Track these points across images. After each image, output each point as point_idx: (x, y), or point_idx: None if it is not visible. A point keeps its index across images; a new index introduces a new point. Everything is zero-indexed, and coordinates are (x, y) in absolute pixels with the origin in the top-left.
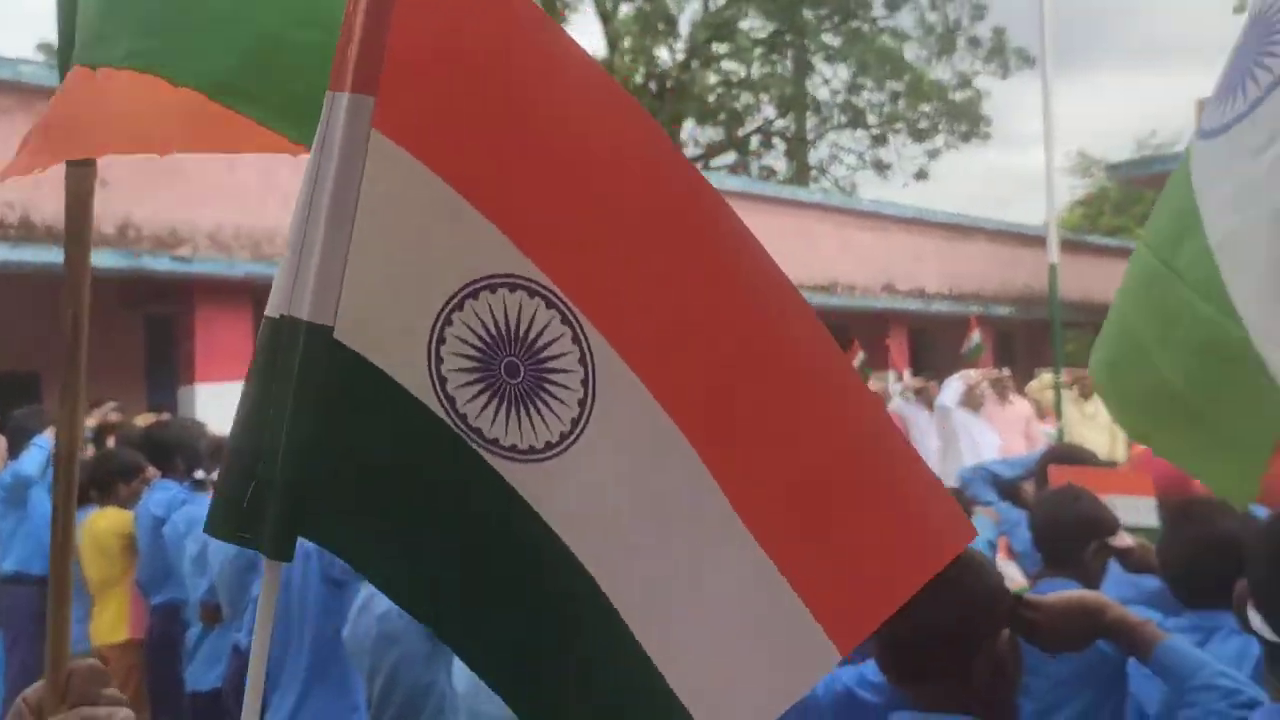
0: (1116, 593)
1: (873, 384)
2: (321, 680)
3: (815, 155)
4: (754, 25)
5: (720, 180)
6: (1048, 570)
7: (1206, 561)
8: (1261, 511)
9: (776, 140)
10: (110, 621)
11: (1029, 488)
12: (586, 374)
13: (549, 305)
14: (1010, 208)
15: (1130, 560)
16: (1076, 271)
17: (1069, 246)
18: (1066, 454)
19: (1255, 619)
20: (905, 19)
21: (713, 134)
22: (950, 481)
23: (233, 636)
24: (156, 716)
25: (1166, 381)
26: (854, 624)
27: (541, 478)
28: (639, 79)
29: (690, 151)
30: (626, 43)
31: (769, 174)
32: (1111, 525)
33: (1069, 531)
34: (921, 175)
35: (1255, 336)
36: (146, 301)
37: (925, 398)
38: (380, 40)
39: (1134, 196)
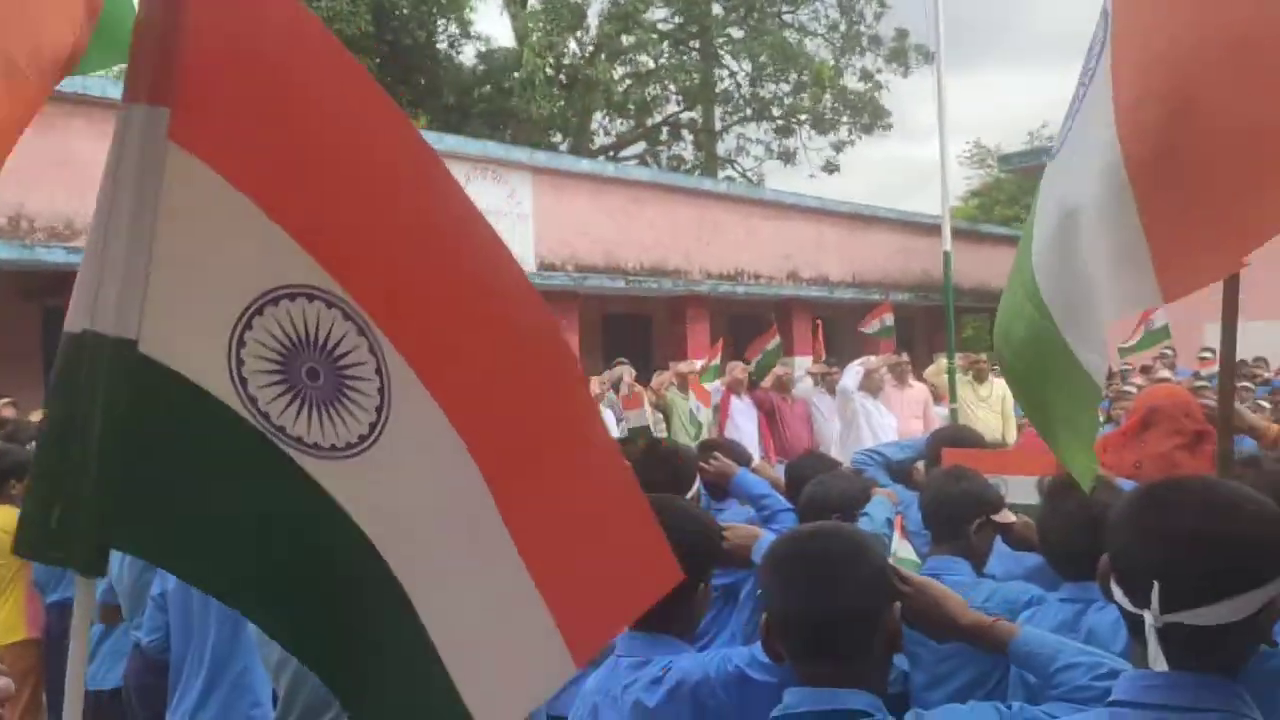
0: (1001, 568)
1: (779, 369)
2: (223, 676)
3: (723, 146)
4: (660, 17)
5: (629, 171)
6: (935, 547)
7: (1082, 536)
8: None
9: (685, 132)
10: (6, 620)
11: (920, 469)
12: (382, 383)
13: (346, 317)
14: (912, 198)
15: (1012, 536)
16: (971, 259)
17: (964, 235)
18: (955, 436)
19: (1117, 592)
20: (809, 15)
21: (622, 125)
22: (849, 463)
23: (133, 635)
24: (56, 715)
25: (1022, 371)
26: (588, 640)
27: (343, 472)
28: (548, 71)
29: (600, 142)
30: (534, 36)
31: (678, 164)
32: (995, 502)
33: (954, 508)
34: (831, 168)
35: (1065, 336)
36: (44, 293)
37: (828, 383)
38: (173, 52)
39: (1026, 187)
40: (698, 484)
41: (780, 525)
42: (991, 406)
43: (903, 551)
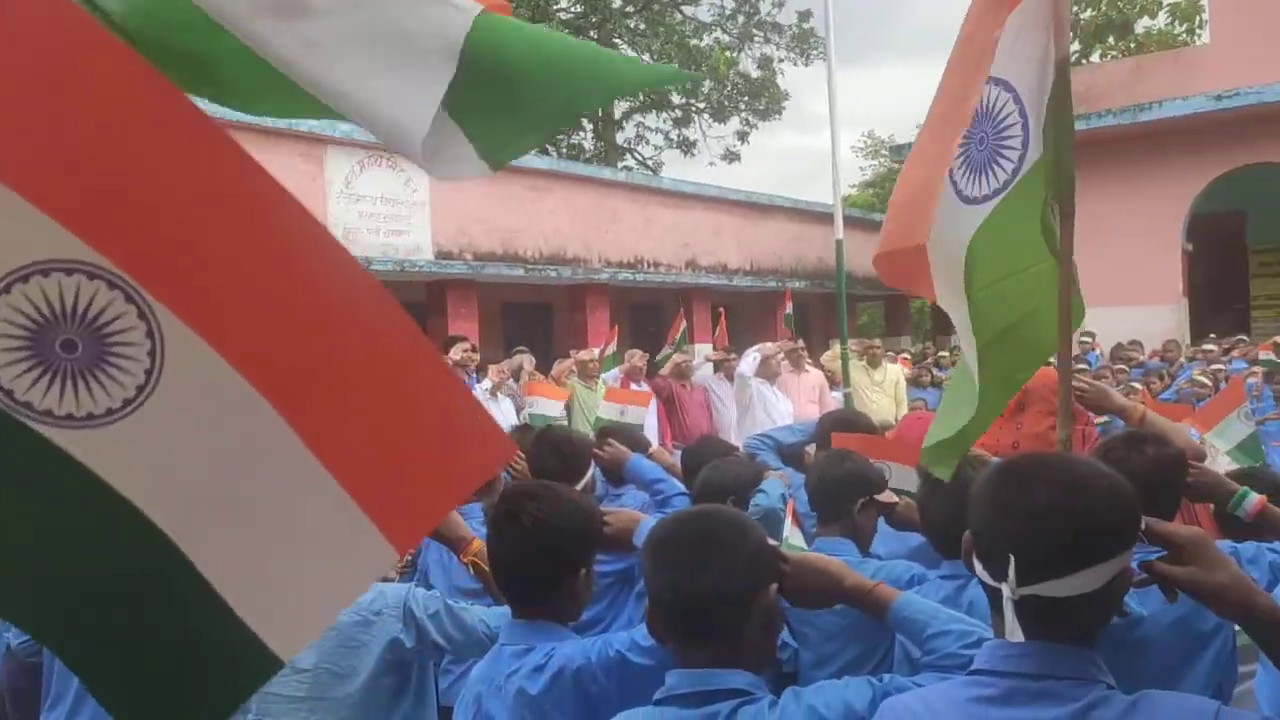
0: (885, 547)
1: (677, 356)
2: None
3: (622, 136)
4: (560, 6)
5: (527, 159)
6: (821, 528)
7: (958, 514)
8: None
9: (584, 121)
10: None
11: (811, 452)
12: (154, 346)
13: (111, 286)
14: (809, 187)
15: (894, 516)
16: (865, 247)
17: (857, 224)
18: (844, 419)
19: (978, 566)
20: (704, 11)
21: None
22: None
23: (5, 638)
24: None
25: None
26: (410, 527)
27: (101, 441)
28: None
29: None
30: None
31: (577, 153)
32: (879, 483)
33: (838, 489)
34: (731, 156)
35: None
36: None
37: (727, 370)
38: None
39: None
40: (593, 470)
41: (674, 509)
42: (885, 390)
43: (794, 539)
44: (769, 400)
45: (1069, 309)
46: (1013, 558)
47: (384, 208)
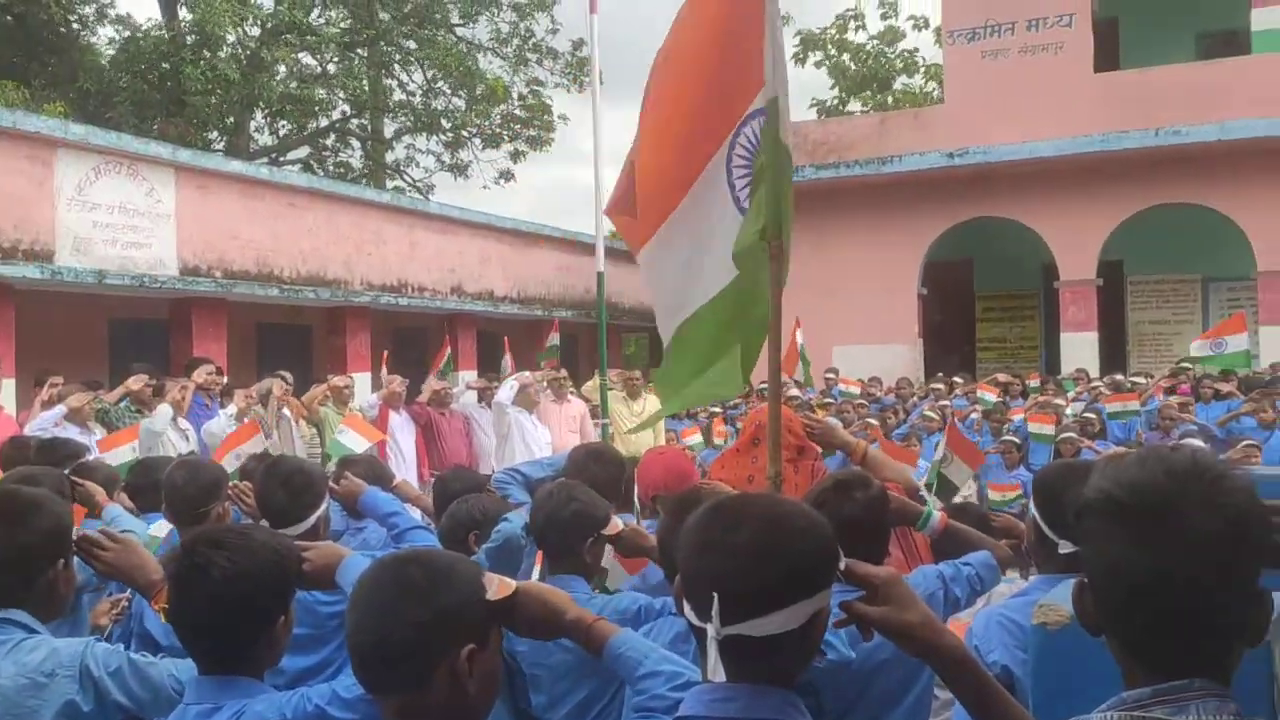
0: (630, 583)
1: (435, 383)
2: None
3: (393, 156)
4: (328, 20)
5: (285, 175)
6: (552, 566)
7: None
8: None
9: (353, 139)
10: None
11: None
12: None
13: None
14: (580, 217)
15: (621, 544)
16: (632, 279)
17: (624, 256)
18: (591, 452)
19: (686, 607)
20: (482, 30)
21: (285, 128)
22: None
23: None
24: None
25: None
26: None
27: None
28: (204, 64)
29: (263, 142)
30: (188, 24)
31: (345, 171)
32: (605, 519)
33: (566, 528)
34: (507, 176)
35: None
36: None
37: (487, 396)
38: None
39: None
40: (326, 504)
41: (409, 543)
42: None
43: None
44: (527, 429)
45: (778, 346)
46: (716, 597)
47: (122, 218)
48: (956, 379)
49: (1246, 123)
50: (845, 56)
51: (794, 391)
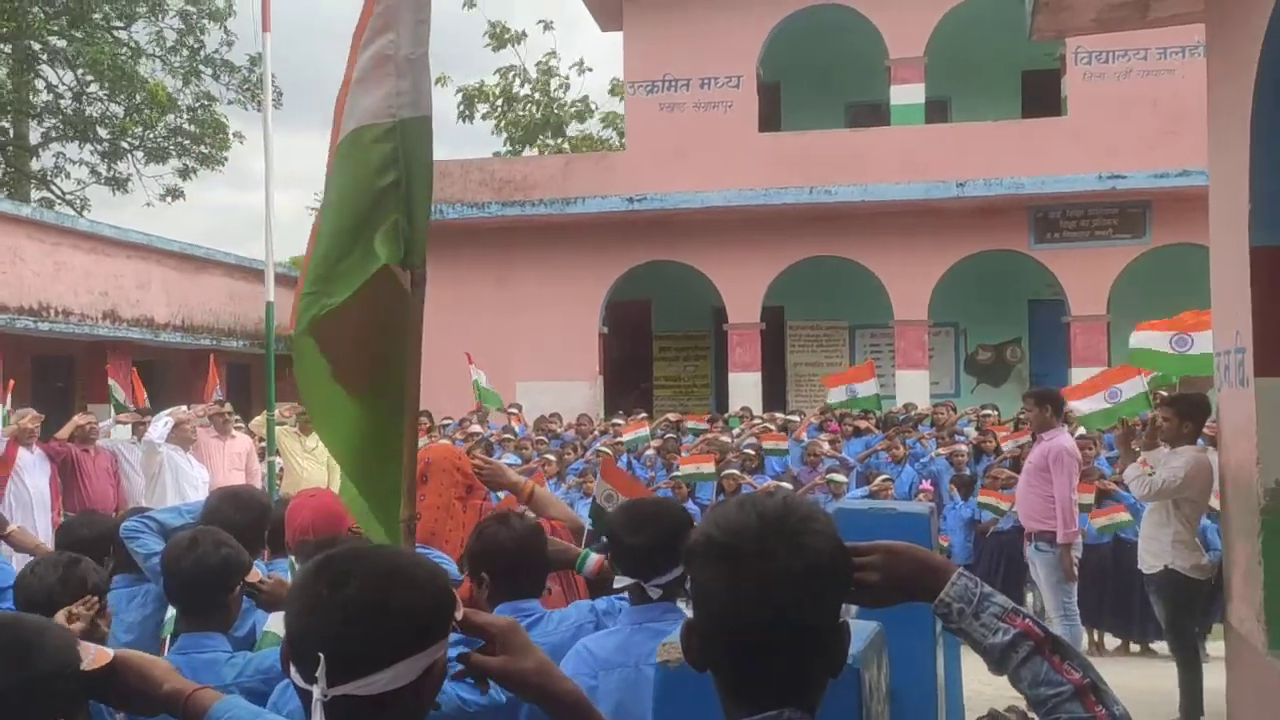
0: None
1: (79, 418)
2: None
3: (39, 164)
4: None
5: None
6: (187, 622)
7: None
8: None
9: None
10: None
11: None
12: None
13: None
14: (252, 242)
15: (262, 597)
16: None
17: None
18: (232, 495)
19: (292, 669)
20: (142, 32)
21: None
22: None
23: None
24: None
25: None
26: None
27: None
28: None
29: None
30: None
31: None
32: (249, 565)
33: (215, 578)
34: (175, 193)
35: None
36: None
37: (140, 433)
38: None
39: None
40: None
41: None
42: (317, 458)
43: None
44: (181, 468)
45: (417, 381)
46: (323, 657)
47: None
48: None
49: (886, 187)
50: (515, 107)
51: (475, 428)
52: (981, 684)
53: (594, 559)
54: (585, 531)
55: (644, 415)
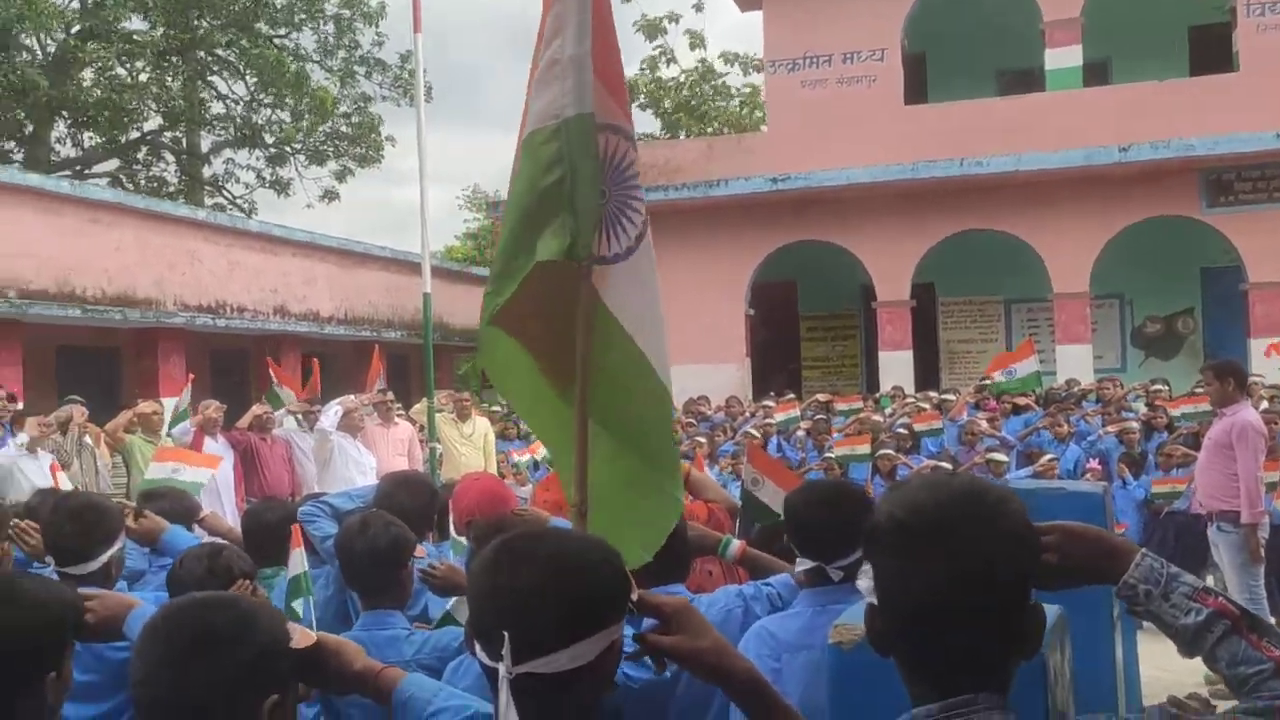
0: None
1: (257, 408)
2: None
3: (210, 170)
4: (139, 28)
5: (89, 190)
6: (368, 601)
7: None
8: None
9: (167, 152)
10: None
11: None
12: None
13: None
14: (409, 235)
15: (434, 581)
16: (465, 299)
17: (454, 276)
18: (402, 481)
19: (477, 647)
20: (307, 38)
21: (92, 140)
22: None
23: None
24: None
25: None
26: None
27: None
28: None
29: (65, 154)
30: None
31: (159, 186)
32: (414, 543)
33: (388, 556)
34: (331, 196)
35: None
36: None
37: (310, 422)
38: None
39: None
40: (120, 542)
41: None
42: (474, 444)
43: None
44: (350, 454)
45: (586, 366)
46: (506, 635)
47: None
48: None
49: (1042, 155)
50: (662, 94)
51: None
52: (1160, 670)
53: (736, 544)
54: (740, 512)
55: (793, 396)
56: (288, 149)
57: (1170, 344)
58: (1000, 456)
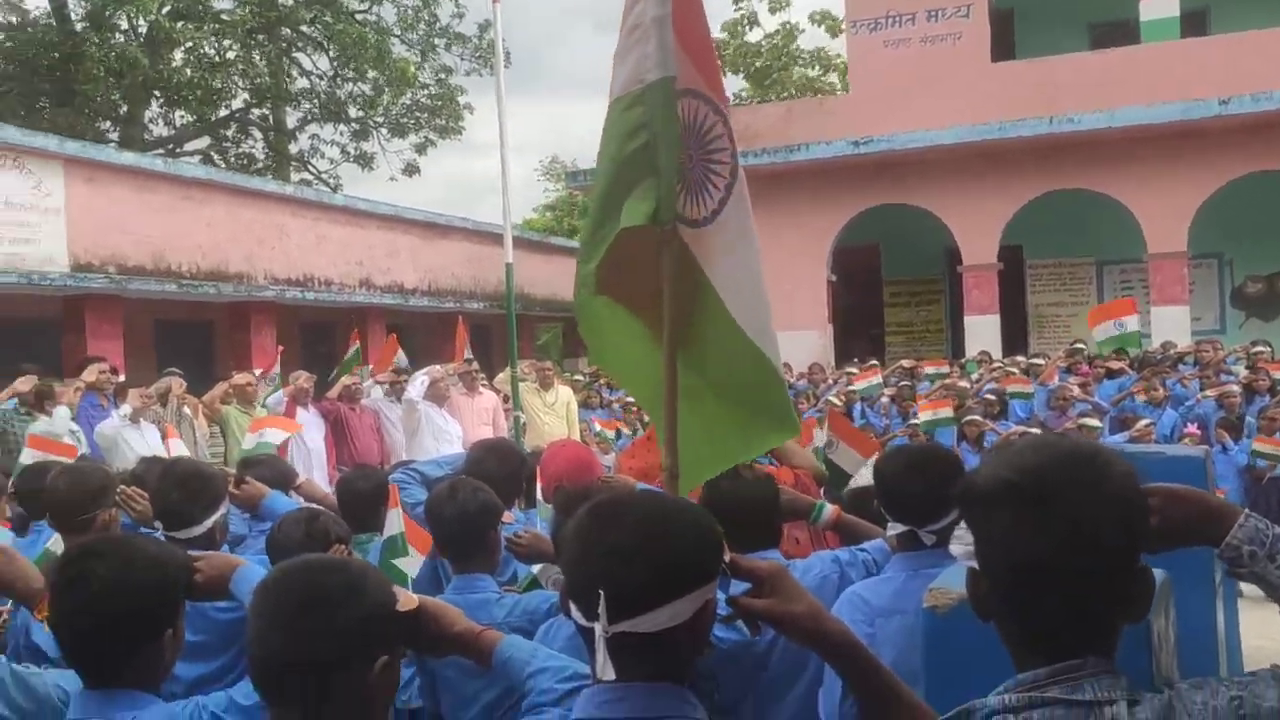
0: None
1: (347, 379)
2: None
3: (296, 147)
4: (225, 7)
5: (181, 167)
6: (459, 565)
7: None
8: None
9: (255, 129)
10: None
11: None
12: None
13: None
14: (489, 206)
15: (520, 549)
16: (544, 270)
17: (534, 246)
18: (493, 447)
19: (572, 608)
20: (387, 11)
21: (183, 118)
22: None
23: None
24: None
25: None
26: None
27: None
28: (96, 53)
29: (158, 133)
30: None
31: (248, 163)
32: (502, 509)
33: (476, 522)
34: (412, 170)
35: (763, 349)
36: None
37: (397, 392)
38: None
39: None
40: (224, 508)
41: None
42: (557, 412)
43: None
44: (437, 424)
45: (674, 334)
46: (602, 595)
47: (8, 213)
48: (874, 362)
49: (1136, 110)
50: (744, 57)
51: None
52: (1262, 638)
53: (830, 509)
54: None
55: (875, 363)
56: (370, 122)
57: (1272, 304)
58: (1093, 422)
